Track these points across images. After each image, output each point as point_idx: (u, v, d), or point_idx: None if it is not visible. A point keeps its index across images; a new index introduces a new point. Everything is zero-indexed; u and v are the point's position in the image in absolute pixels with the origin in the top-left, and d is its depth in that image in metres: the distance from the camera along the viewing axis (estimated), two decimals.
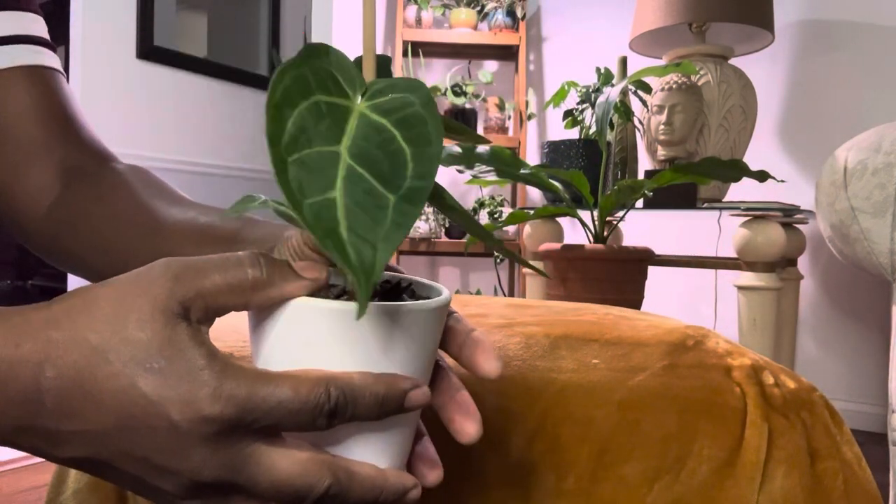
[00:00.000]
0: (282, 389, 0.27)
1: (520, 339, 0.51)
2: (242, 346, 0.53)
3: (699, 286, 2.24)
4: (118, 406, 0.26)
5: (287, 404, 0.27)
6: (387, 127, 0.25)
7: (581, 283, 1.46)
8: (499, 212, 2.43)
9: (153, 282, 0.28)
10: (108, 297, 0.28)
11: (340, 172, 0.23)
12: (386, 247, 0.22)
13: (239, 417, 0.27)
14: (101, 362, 0.26)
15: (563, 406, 0.44)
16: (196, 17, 3.48)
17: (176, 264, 0.28)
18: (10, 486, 1.40)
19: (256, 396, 0.27)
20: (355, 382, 0.28)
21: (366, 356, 0.29)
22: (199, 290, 0.28)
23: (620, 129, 1.80)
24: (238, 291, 0.28)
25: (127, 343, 0.27)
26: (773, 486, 0.42)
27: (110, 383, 0.26)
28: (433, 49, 2.64)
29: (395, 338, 0.29)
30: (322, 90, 0.25)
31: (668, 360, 0.48)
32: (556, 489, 0.42)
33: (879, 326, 2.05)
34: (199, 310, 0.28)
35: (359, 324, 0.28)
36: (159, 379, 0.26)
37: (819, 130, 2.14)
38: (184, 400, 0.26)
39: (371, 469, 0.30)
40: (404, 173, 0.23)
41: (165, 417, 0.26)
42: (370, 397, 0.28)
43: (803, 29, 2.16)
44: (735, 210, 1.63)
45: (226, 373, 0.27)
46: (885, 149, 1.19)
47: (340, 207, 0.22)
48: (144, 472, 0.28)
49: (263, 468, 0.27)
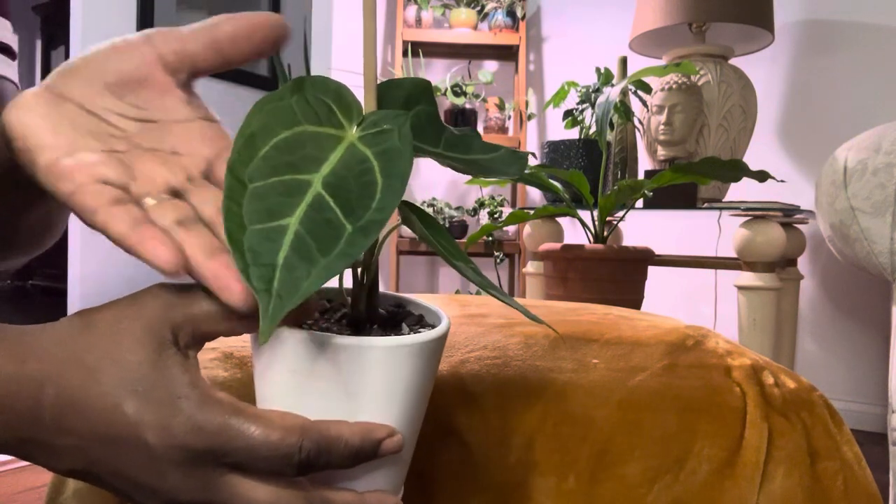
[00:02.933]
0: (253, 431, 0.27)
1: (520, 339, 0.51)
2: (243, 347, 0.53)
3: (699, 286, 2.24)
4: (105, 424, 0.27)
5: (256, 449, 0.27)
6: (368, 157, 0.25)
7: (581, 283, 1.46)
8: (499, 212, 2.43)
9: (145, 307, 0.29)
10: (105, 319, 0.29)
11: (306, 199, 0.24)
12: (321, 274, 0.23)
13: (208, 449, 0.27)
14: (94, 383, 0.28)
15: (563, 406, 0.44)
16: (196, 18, 3.48)
17: (166, 292, 0.29)
18: (10, 486, 1.40)
19: (226, 433, 0.27)
20: (330, 434, 0.28)
21: (344, 388, 0.29)
22: (188, 316, 0.29)
23: (620, 129, 1.80)
24: (226, 319, 0.29)
25: (117, 365, 0.28)
26: (773, 486, 0.42)
27: (100, 402, 0.27)
28: (433, 49, 2.64)
29: (371, 374, 0.29)
30: (310, 121, 0.26)
31: (668, 360, 0.48)
32: (556, 489, 0.42)
33: (879, 326, 2.05)
34: (187, 335, 0.29)
35: (335, 355, 0.28)
36: (141, 402, 0.27)
37: (819, 130, 2.14)
38: (160, 425, 0.27)
39: (349, 496, 0.30)
40: (370, 204, 0.24)
41: (143, 439, 0.27)
42: (344, 449, 0.28)
43: (803, 29, 2.16)
44: (735, 210, 1.63)
45: (203, 404, 0.27)
46: (885, 149, 1.19)
47: (290, 234, 0.23)
48: (130, 488, 0.29)
49: (237, 497, 0.28)
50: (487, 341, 0.51)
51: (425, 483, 0.42)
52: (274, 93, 0.26)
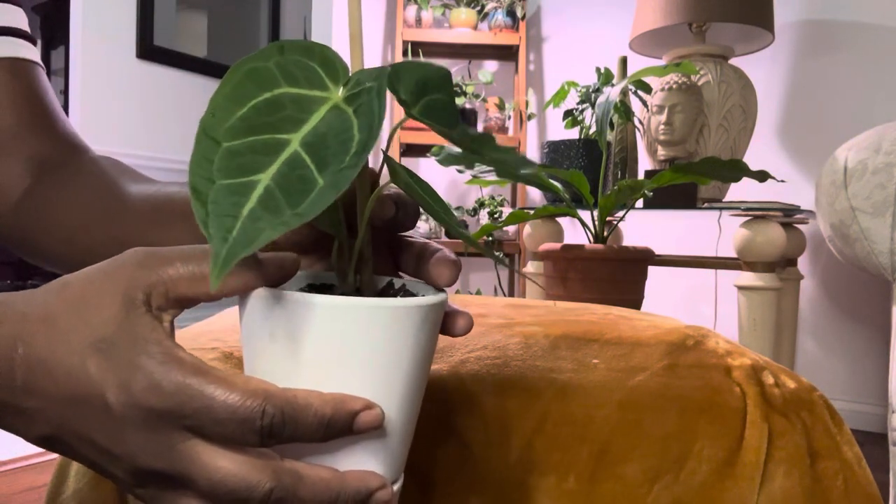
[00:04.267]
0: (212, 391, 0.26)
1: (520, 339, 0.51)
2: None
3: (699, 286, 2.24)
4: (69, 383, 0.27)
5: (215, 410, 0.26)
6: (349, 116, 0.25)
7: (581, 283, 1.46)
8: (499, 212, 2.43)
9: (119, 267, 0.29)
10: (79, 280, 0.29)
11: (282, 157, 0.24)
12: (286, 223, 0.23)
13: (165, 409, 0.26)
14: (61, 342, 0.27)
15: (563, 406, 0.44)
16: (196, 17, 3.48)
17: (142, 253, 0.29)
18: (10, 486, 1.40)
19: (184, 393, 0.26)
20: (297, 402, 0.27)
21: (328, 354, 0.27)
22: (160, 277, 0.28)
23: (620, 129, 1.80)
24: (199, 280, 0.28)
25: (86, 324, 0.27)
26: (773, 486, 0.42)
27: (66, 361, 0.27)
28: (433, 49, 2.64)
29: (361, 337, 0.27)
30: (292, 83, 0.26)
31: (668, 360, 0.48)
32: (556, 489, 0.42)
33: (879, 326, 2.05)
34: (159, 296, 0.28)
35: (318, 317, 0.27)
36: (104, 360, 0.27)
37: (819, 130, 2.14)
38: (119, 383, 0.26)
39: (325, 472, 0.28)
40: (344, 158, 0.24)
41: (102, 398, 0.27)
42: (313, 419, 0.27)
43: (803, 29, 2.16)
44: (735, 210, 1.63)
45: (165, 363, 0.27)
46: (885, 149, 1.19)
47: (259, 189, 0.23)
48: (95, 455, 0.28)
49: (198, 465, 0.27)
50: (487, 341, 0.51)
51: (425, 483, 0.42)
52: (253, 54, 0.26)
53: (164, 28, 3.20)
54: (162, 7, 3.17)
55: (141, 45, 3.07)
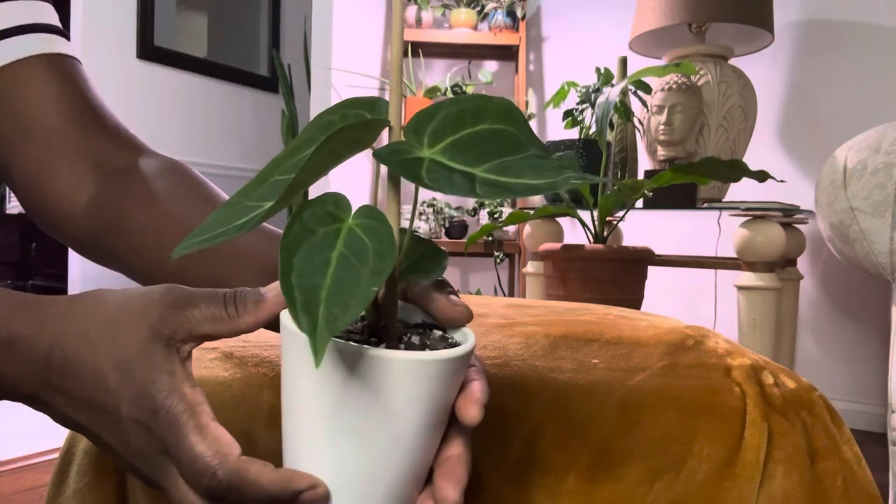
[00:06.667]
0: (187, 435, 0.30)
1: (520, 339, 0.51)
2: (243, 347, 0.53)
3: (699, 286, 2.23)
4: (92, 390, 0.32)
5: (183, 453, 0.30)
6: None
7: (581, 283, 1.46)
8: (499, 212, 2.43)
9: (153, 302, 0.33)
10: (115, 303, 0.34)
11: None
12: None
13: (157, 433, 0.31)
14: (91, 353, 0.32)
15: (563, 406, 0.44)
16: (196, 17, 3.48)
17: (175, 294, 0.33)
18: (10, 486, 1.40)
19: (172, 426, 0.30)
20: (247, 475, 0.29)
21: (337, 397, 0.28)
22: (186, 317, 0.32)
23: (620, 129, 1.80)
24: (219, 321, 0.33)
25: (114, 343, 0.32)
26: (772, 486, 0.42)
27: (92, 371, 0.32)
28: (433, 49, 2.64)
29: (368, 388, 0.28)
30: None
31: (667, 360, 0.48)
32: (556, 489, 0.42)
33: (879, 326, 2.05)
34: (184, 332, 0.33)
35: (361, 366, 0.28)
36: (123, 378, 0.32)
37: (819, 130, 2.14)
38: (131, 400, 0.31)
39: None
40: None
41: (116, 409, 0.32)
42: (257, 494, 0.29)
43: (803, 29, 2.16)
44: (735, 210, 1.63)
45: (169, 394, 0.31)
46: (885, 149, 1.19)
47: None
48: (102, 445, 0.34)
49: (173, 488, 0.32)
50: (487, 341, 0.51)
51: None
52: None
53: (165, 28, 3.21)
54: (162, 7, 3.17)
55: (141, 46, 3.07)
